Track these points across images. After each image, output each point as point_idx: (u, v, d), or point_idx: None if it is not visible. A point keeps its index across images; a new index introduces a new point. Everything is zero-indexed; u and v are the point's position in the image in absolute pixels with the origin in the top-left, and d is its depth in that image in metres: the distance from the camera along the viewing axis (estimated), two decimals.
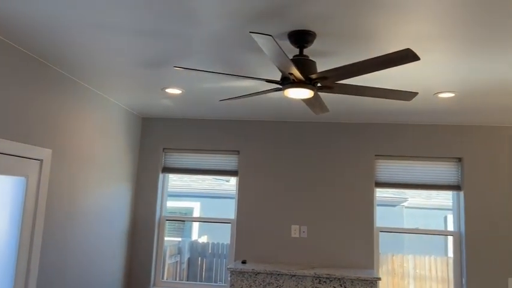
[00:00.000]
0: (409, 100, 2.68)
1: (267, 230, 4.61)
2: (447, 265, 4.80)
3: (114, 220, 4.33)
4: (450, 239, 4.60)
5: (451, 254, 4.57)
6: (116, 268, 4.41)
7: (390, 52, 2.02)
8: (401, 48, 2.41)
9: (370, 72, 2.20)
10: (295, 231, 4.57)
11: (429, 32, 2.30)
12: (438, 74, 2.99)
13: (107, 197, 4.15)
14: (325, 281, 3.91)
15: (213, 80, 3.38)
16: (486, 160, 4.43)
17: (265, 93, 2.94)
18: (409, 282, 4.99)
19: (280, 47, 1.94)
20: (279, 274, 3.97)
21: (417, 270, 5.00)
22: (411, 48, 2.51)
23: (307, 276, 3.93)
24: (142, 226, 4.78)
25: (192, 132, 4.88)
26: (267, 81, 2.48)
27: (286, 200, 4.64)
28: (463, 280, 4.35)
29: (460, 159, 4.52)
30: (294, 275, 3.95)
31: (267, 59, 2.80)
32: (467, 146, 4.48)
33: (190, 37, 2.51)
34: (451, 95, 3.46)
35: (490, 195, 4.38)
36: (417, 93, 2.58)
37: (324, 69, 2.92)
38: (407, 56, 1.98)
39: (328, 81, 2.40)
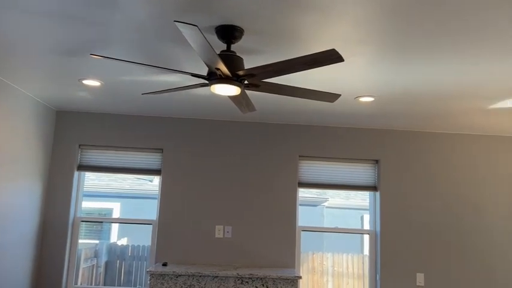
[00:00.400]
0: (332, 102, 2.74)
1: (190, 230, 4.50)
2: (363, 262, 5.02)
3: (20, 221, 3.94)
4: (366, 237, 4.83)
5: (367, 251, 4.80)
6: (21, 273, 4.02)
7: (316, 52, 2.04)
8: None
9: (296, 71, 2.20)
10: (219, 231, 4.50)
11: (352, 36, 2.37)
12: (359, 78, 3.10)
13: (11, 196, 3.76)
14: (247, 281, 3.89)
15: (135, 73, 3.20)
16: (400, 163, 4.72)
17: (190, 89, 2.84)
18: (327, 280, 5.16)
19: (206, 39, 1.87)
20: (201, 276, 3.88)
21: (335, 268, 5.18)
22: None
23: (229, 276, 3.89)
24: (54, 228, 4.41)
25: (112, 128, 4.61)
26: (192, 76, 2.39)
27: (210, 199, 4.56)
28: (377, 276, 4.58)
29: (377, 161, 4.76)
30: (217, 276, 3.89)
31: (193, 52, 2.71)
32: (384, 149, 4.73)
33: (111, 24, 2.34)
34: (371, 99, 3.61)
35: (403, 196, 4.67)
36: (340, 95, 2.65)
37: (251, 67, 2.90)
38: (332, 57, 2.01)
39: (255, 79, 2.38)
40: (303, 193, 4.91)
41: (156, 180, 4.80)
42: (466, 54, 2.58)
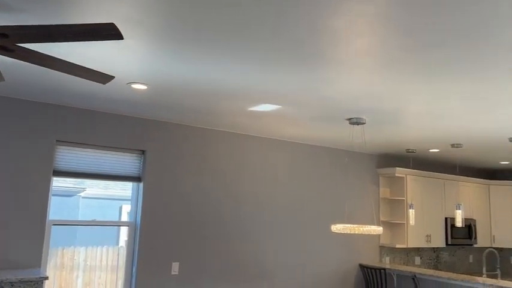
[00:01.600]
0: (103, 83, 2.50)
1: None
2: (118, 254, 4.85)
3: None
4: (124, 229, 4.68)
5: (123, 243, 4.65)
6: None
7: (91, 23, 1.78)
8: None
9: (64, 41, 1.88)
10: None
11: (131, 15, 2.19)
12: (134, 63, 2.93)
13: None
14: None
15: None
16: (167, 155, 4.75)
17: None
18: (78, 275, 4.77)
19: None
20: None
21: (88, 262, 4.85)
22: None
23: None
24: None
25: None
26: None
27: None
28: (134, 268, 4.49)
29: (143, 152, 4.66)
30: None
31: None
32: (152, 140, 4.67)
33: None
34: (144, 87, 3.49)
35: (167, 188, 4.72)
36: (113, 77, 2.43)
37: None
38: (109, 32, 1.80)
39: (8, 41, 1.92)
40: (57, 182, 4.36)
41: None
42: (232, 57, 2.75)
